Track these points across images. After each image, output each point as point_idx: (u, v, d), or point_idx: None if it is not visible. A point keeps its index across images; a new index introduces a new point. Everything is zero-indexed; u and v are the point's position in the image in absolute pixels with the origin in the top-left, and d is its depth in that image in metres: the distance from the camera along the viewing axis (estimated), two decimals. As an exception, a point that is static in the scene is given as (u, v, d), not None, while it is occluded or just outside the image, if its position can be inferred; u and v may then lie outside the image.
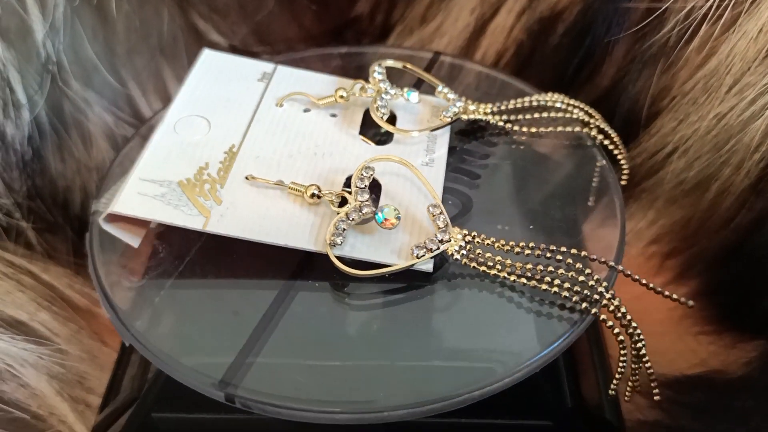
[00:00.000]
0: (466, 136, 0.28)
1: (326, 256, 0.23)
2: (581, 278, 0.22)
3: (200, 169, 0.25)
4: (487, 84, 0.31)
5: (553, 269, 0.22)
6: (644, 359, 0.23)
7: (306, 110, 0.28)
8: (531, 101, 0.28)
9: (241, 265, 0.24)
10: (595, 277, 0.22)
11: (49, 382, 0.28)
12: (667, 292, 0.24)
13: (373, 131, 0.28)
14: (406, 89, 0.28)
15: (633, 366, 0.24)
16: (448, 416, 0.22)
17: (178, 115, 0.28)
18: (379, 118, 0.27)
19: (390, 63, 0.29)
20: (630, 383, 0.24)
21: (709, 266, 0.33)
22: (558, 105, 0.28)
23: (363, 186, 0.24)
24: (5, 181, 0.30)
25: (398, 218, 0.23)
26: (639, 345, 0.23)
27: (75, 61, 0.31)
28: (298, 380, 0.21)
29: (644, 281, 0.25)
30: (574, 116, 0.28)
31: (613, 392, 0.24)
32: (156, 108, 0.34)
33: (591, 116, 0.28)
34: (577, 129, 0.28)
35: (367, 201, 0.23)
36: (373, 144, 0.27)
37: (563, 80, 0.33)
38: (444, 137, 0.27)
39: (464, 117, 0.28)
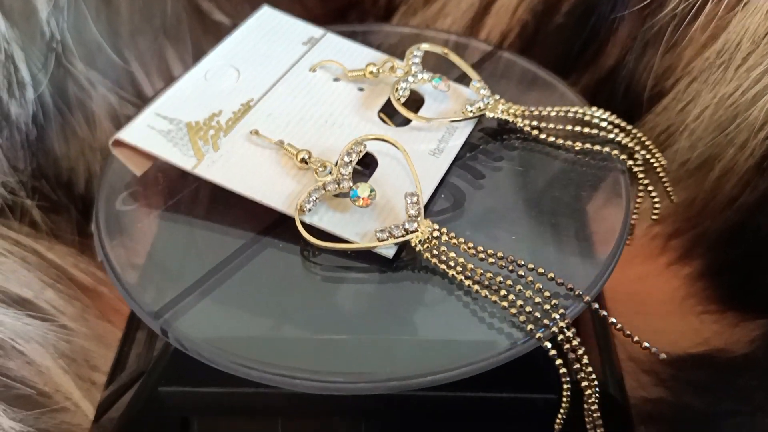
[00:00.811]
0: (492, 135, 0.27)
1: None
2: (538, 300, 0.21)
3: (212, 115, 0.26)
4: (532, 85, 0.30)
5: (511, 283, 0.21)
6: (590, 401, 0.22)
7: (336, 80, 0.28)
8: (569, 111, 0.27)
9: (221, 212, 0.25)
10: (552, 302, 0.21)
11: (54, 360, 0.28)
12: (636, 338, 0.23)
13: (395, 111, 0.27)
14: (435, 76, 0.27)
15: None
16: (454, 389, 0.23)
17: (213, 64, 0.28)
18: (396, 99, 0.27)
19: (428, 47, 0.29)
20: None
21: (712, 246, 0.33)
22: (601, 123, 0.27)
23: (349, 160, 0.24)
24: (10, 160, 0.30)
25: (372, 198, 0.23)
26: (584, 384, 0.22)
27: (79, 42, 0.31)
28: (242, 333, 0.21)
29: (618, 325, 0.23)
30: (616, 139, 0.26)
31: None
32: (159, 89, 0.34)
33: (642, 144, 0.27)
34: (614, 152, 0.26)
35: (347, 176, 0.23)
36: (391, 124, 0.27)
37: (567, 60, 0.33)
38: (464, 130, 0.27)
39: (490, 115, 0.27)
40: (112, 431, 0.25)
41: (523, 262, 0.22)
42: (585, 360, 0.21)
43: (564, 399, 0.22)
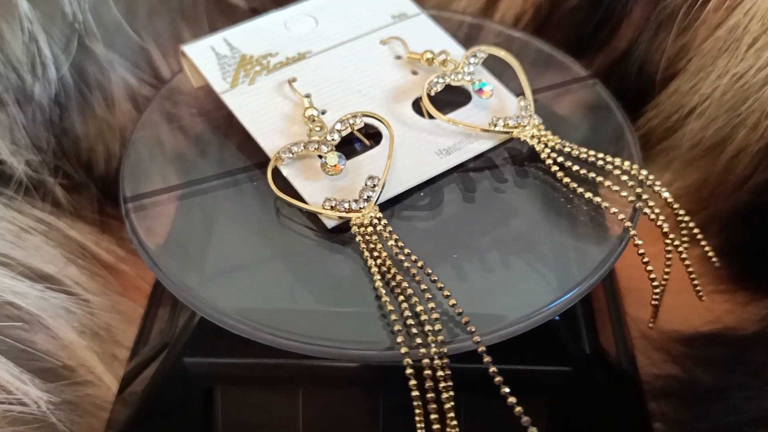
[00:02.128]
0: (513, 155, 0.26)
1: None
2: (425, 317, 0.21)
3: (267, 54, 0.27)
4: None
5: (410, 293, 0.21)
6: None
7: (397, 57, 0.28)
8: (598, 157, 0.25)
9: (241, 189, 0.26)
10: (436, 327, 0.21)
11: (78, 334, 0.28)
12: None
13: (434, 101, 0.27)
14: (480, 81, 0.27)
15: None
16: (469, 361, 0.23)
17: (300, 12, 0.29)
18: (426, 90, 0.26)
19: (492, 51, 0.28)
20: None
21: (724, 227, 0.33)
22: (623, 176, 0.25)
23: (339, 128, 0.25)
24: (33, 140, 0.30)
25: (337, 167, 0.24)
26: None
27: (99, 23, 0.31)
28: (266, 303, 0.22)
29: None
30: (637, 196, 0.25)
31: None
32: (175, 70, 0.35)
33: (671, 207, 0.26)
34: (628, 208, 0.24)
35: (330, 141, 0.25)
36: (428, 112, 0.26)
37: (581, 41, 0.33)
38: (485, 142, 0.26)
39: (517, 136, 0.26)
40: (137, 402, 0.25)
41: (436, 278, 0.21)
42: (446, 403, 0.20)
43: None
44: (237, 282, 0.22)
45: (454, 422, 0.20)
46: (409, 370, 0.20)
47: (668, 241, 0.25)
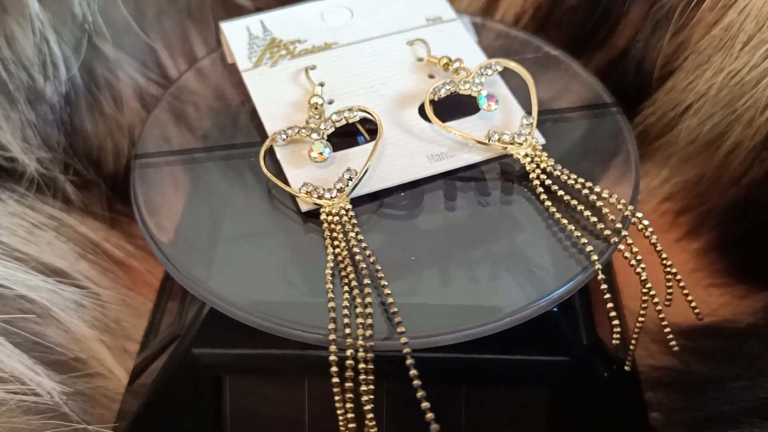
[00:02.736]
0: (504, 171, 0.26)
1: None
2: (347, 312, 0.22)
3: (295, 41, 0.29)
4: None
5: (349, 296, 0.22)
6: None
7: (419, 60, 0.29)
8: (587, 186, 0.25)
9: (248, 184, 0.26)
10: (369, 333, 0.21)
11: (89, 327, 0.29)
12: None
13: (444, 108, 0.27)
14: (484, 94, 0.27)
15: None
16: (470, 351, 0.24)
17: (339, 3, 0.30)
18: (430, 93, 0.26)
19: (507, 64, 0.28)
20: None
21: (720, 222, 0.34)
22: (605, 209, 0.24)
23: (335, 119, 0.26)
24: (44, 138, 0.31)
25: (322, 156, 0.25)
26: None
27: (108, 23, 0.32)
28: (275, 296, 0.23)
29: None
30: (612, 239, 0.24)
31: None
32: (183, 69, 0.35)
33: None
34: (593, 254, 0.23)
35: (323, 130, 0.26)
36: (430, 119, 0.27)
37: (580, 40, 0.33)
38: (479, 154, 0.26)
39: (511, 152, 0.26)
40: (147, 392, 0.26)
41: (383, 275, 0.22)
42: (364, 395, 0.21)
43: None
44: (246, 273, 0.23)
45: (371, 415, 0.20)
46: (332, 357, 0.21)
47: (645, 290, 0.25)
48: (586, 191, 0.25)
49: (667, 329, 0.24)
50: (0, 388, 0.25)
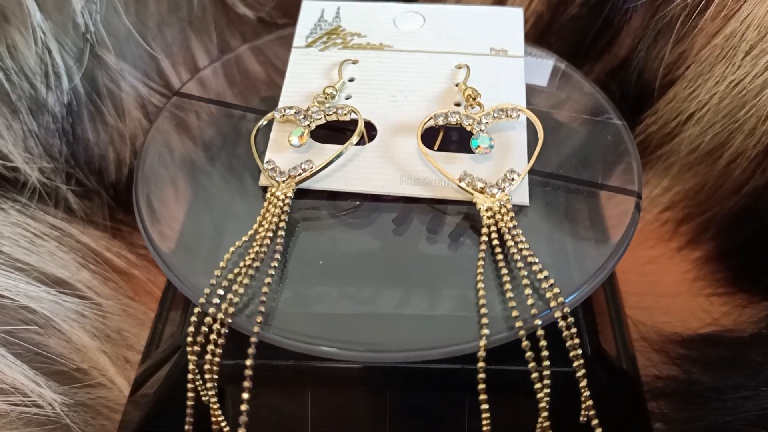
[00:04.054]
0: (469, 214, 0.25)
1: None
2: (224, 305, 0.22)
3: (355, 34, 0.29)
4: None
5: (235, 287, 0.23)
6: None
7: (456, 84, 0.28)
8: (528, 261, 0.23)
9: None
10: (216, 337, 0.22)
11: (90, 338, 0.29)
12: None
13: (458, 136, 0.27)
14: (484, 138, 0.26)
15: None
16: (471, 362, 0.24)
17: (416, 10, 0.30)
18: (427, 117, 0.26)
19: (523, 111, 0.27)
20: None
21: (721, 231, 0.34)
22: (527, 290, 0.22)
23: (328, 112, 0.26)
24: (46, 148, 0.31)
25: (296, 140, 0.26)
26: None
27: (109, 33, 0.32)
28: (280, 307, 0.22)
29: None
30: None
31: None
32: (185, 79, 0.35)
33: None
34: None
35: (313, 119, 0.26)
36: (437, 142, 0.27)
37: (581, 50, 0.34)
38: (450, 191, 0.25)
39: (474, 200, 0.24)
40: (149, 403, 0.26)
41: (276, 265, 0.23)
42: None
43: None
44: (246, 284, 0.23)
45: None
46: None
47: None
48: (523, 272, 0.23)
49: None
50: (1, 399, 0.25)
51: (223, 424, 0.23)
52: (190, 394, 0.23)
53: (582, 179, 0.26)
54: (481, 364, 0.21)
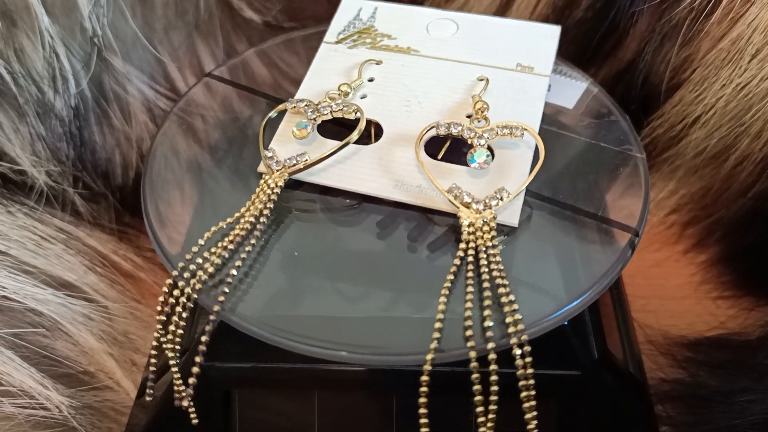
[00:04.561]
0: (453, 226, 0.24)
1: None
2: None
3: (386, 35, 0.30)
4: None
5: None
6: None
7: (473, 96, 0.27)
8: (497, 283, 0.22)
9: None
10: None
11: (97, 340, 0.29)
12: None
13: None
14: (483, 153, 0.25)
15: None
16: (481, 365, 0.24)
17: (450, 18, 0.30)
18: (429, 126, 0.26)
19: (533, 134, 0.26)
20: None
21: (727, 233, 0.34)
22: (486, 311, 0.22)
23: (335, 108, 0.27)
24: (53, 151, 0.31)
25: (298, 132, 0.26)
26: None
27: (116, 37, 0.32)
28: (285, 310, 0.23)
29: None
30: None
31: None
32: (191, 84, 0.35)
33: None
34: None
35: (319, 114, 0.27)
36: (442, 151, 0.27)
37: (586, 53, 0.34)
38: (438, 201, 0.25)
39: (458, 213, 0.24)
40: (156, 406, 0.26)
41: (246, 257, 0.23)
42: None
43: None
44: (255, 287, 0.23)
45: None
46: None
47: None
48: (487, 293, 0.22)
49: None
50: (9, 402, 0.25)
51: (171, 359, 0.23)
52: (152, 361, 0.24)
53: (580, 208, 0.25)
54: (425, 378, 0.21)
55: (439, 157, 0.26)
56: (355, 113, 0.26)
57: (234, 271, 0.23)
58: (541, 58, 0.29)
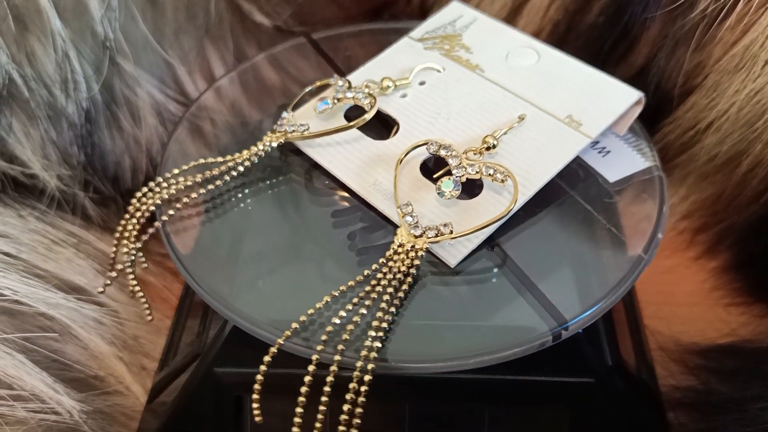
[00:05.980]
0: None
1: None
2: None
3: (466, 46, 0.30)
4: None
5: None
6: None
7: (519, 117, 0.27)
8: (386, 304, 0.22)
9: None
10: None
11: (107, 345, 0.29)
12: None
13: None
14: (445, 182, 0.25)
15: None
16: (493, 372, 0.24)
17: (532, 48, 0.30)
18: (427, 145, 0.26)
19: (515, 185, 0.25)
20: None
21: (738, 240, 0.34)
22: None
23: (358, 95, 0.27)
24: (64, 155, 0.31)
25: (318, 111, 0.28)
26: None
27: (126, 40, 0.32)
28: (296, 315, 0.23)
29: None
30: None
31: None
32: (201, 87, 0.35)
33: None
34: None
35: (341, 97, 0.28)
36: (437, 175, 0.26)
37: (598, 58, 0.33)
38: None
39: (398, 231, 0.24)
40: (168, 411, 0.26)
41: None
42: None
43: None
44: (268, 292, 0.23)
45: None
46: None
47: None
48: (363, 309, 0.23)
49: None
50: (21, 407, 0.25)
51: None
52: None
53: (522, 276, 0.24)
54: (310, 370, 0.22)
55: (435, 176, 0.26)
56: (370, 104, 0.27)
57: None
58: (596, 117, 0.27)
